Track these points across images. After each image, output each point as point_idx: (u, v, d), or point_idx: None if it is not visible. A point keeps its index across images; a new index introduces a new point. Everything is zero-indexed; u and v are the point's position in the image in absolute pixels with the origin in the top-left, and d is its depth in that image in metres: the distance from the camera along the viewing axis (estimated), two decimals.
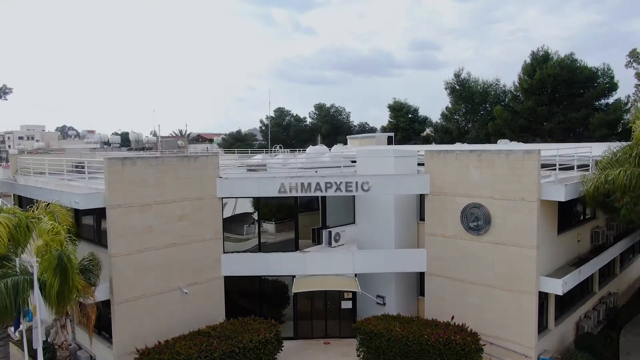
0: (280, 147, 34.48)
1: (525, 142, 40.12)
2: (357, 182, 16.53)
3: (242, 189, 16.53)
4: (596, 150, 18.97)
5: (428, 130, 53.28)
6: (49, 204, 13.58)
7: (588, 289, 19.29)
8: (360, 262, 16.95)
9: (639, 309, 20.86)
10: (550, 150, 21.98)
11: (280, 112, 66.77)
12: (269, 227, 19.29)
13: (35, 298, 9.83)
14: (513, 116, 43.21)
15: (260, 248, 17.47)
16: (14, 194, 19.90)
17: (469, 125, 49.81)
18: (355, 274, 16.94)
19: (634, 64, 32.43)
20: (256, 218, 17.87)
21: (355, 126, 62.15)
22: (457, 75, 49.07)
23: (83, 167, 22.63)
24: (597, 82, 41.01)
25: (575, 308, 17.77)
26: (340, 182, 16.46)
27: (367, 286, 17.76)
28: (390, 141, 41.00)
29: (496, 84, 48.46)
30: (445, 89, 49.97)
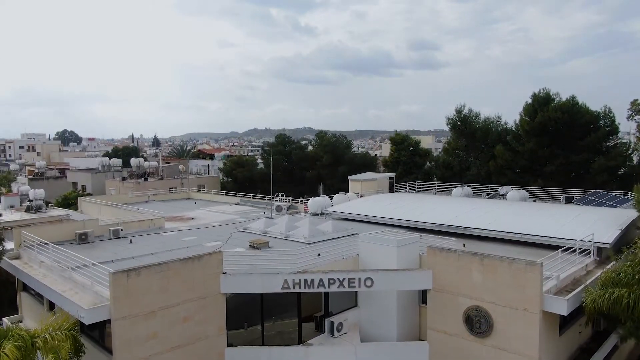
0: (282, 195, 34.77)
1: (527, 184, 40.20)
2: (360, 279, 16.60)
3: (246, 284, 16.62)
4: (598, 234, 19.15)
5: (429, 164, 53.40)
6: (55, 310, 13.70)
7: None
8: (363, 356, 17.00)
9: None
10: (554, 228, 22.27)
11: (282, 139, 67.05)
12: None
13: None
14: (514, 157, 43.33)
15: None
16: (17, 279, 19.93)
17: (471, 159, 49.94)
18: None
19: (636, 117, 32.51)
20: None
21: (357, 154, 62.51)
22: (458, 112, 49.24)
23: (86, 236, 23.04)
24: (599, 125, 41.15)
25: None
26: (344, 279, 16.54)
27: None
28: (392, 182, 41.14)
29: (497, 121, 48.69)
30: (447, 124, 50.18)
